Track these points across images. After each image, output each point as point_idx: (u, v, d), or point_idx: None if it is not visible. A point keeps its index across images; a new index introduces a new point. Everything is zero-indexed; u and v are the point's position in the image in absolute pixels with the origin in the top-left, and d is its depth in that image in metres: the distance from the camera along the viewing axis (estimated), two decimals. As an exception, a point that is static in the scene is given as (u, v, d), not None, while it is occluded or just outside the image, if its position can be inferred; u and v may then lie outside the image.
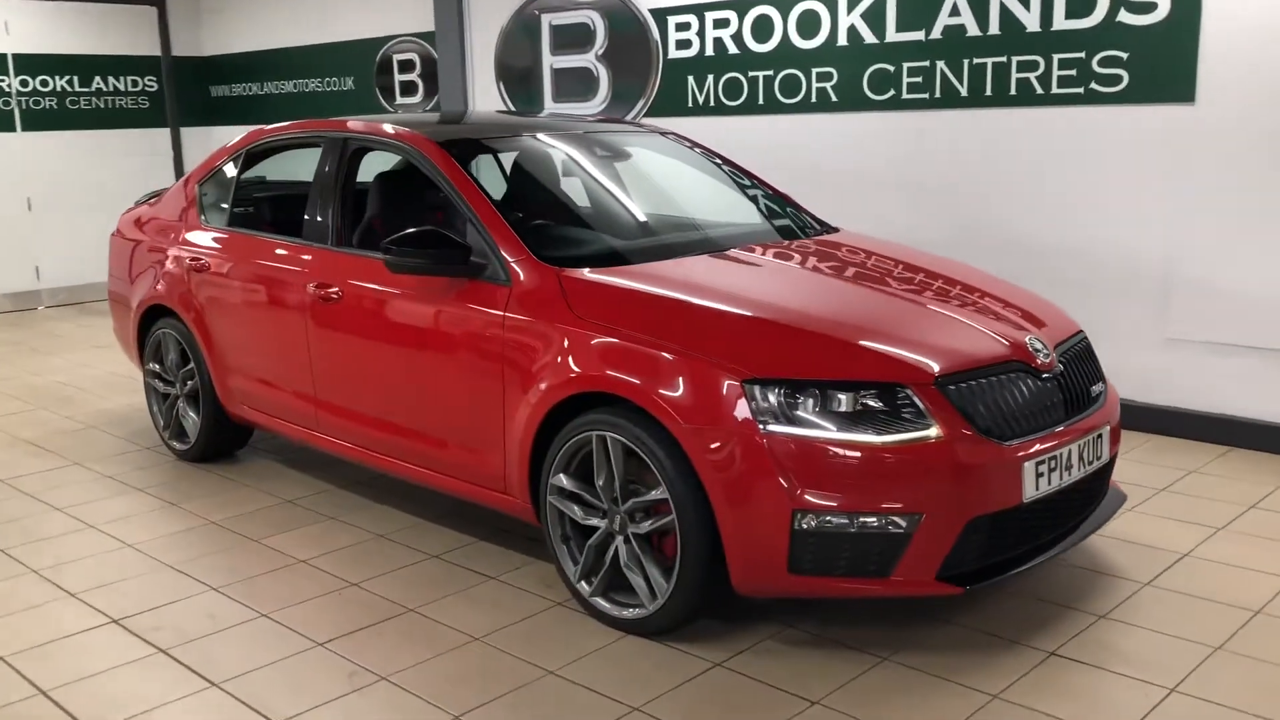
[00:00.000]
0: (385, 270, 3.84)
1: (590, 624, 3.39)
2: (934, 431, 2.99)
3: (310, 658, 3.24)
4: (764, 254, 3.95)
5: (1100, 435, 3.40)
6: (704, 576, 3.12)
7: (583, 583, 3.43)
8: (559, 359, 3.38)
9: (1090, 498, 3.48)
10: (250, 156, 5.05)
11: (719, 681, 3.05)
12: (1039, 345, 3.34)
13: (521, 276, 3.58)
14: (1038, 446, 3.13)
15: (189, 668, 3.19)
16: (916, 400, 3.01)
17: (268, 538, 4.18)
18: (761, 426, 2.98)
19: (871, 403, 3.02)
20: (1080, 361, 3.51)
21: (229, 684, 3.09)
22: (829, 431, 2.97)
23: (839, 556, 3.01)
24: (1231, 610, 3.38)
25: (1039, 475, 3.13)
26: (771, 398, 3.01)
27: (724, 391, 3.04)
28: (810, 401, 3.01)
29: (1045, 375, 3.28)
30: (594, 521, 3.37)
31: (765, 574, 3.06)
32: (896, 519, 2.97)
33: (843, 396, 3.01)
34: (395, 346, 3.95)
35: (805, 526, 2.97)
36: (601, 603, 3.38)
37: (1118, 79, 5.05)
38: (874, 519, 2.97)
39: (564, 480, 3.41)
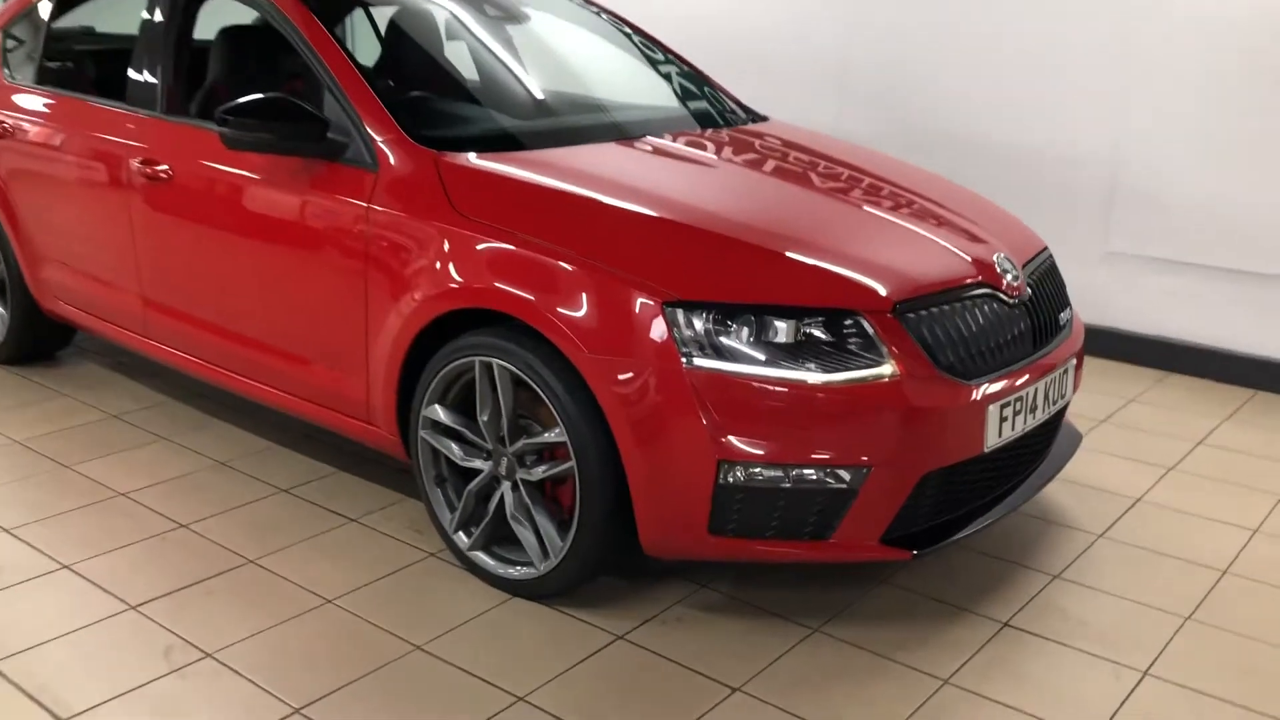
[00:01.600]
0: (226, 146, 3.12)
1: (468, 582, 2.85)
2: (889, 369, 2.47)
3: (118, 626, 2.63)
4: (684, 144, 3.34)
5: (1066, 370, 2.94)
6: (606, 534, 2.60)
7: (460, 533, 2.87)
8: (436, 265, 2.75)
9: (1047, 440, 3.04)
10: (68, -1, 4.19)
11: (621, 660, 2.54)
12: (1008, 265, 2.84)
13: (391, 160, 2.92)
14: (1003, 385, 2.65)
15: (-42, 641, 2.56)
16: (870, 330, 2.49)
17: (82, 463, 3.50)
18: (685, 360, 2.42)
19: (816, 333, 2.48)
20: (1047, 284, 3.04)
21: (7, 663, 2.47)
22: (764, 367, 2.43)
23: (770, 516, 2.50)
24: (1196, 570, 3.01)
25: (1003, 420, 2.66)
26: (697, 324, 2.45)
27: (640, 315, 2.47)
28: (744, 330, 2.46)
29: (1013, 300, 2.79)
30: (476, 464, 2.80)
31: (681, 534, 2.54)
32: (840, 472, 2.47)
33: (782, 325, 2.47)
34: (236, 239, 3.25)
35: (732, 480, 2.45)
36: (483, 558, 2.83)
37: (1077, -39, 4.52)
38: (813, 472, 2.46)
39: (439, 413, 2.82)
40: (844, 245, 2.72)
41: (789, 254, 2.61)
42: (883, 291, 2.54)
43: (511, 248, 2.64)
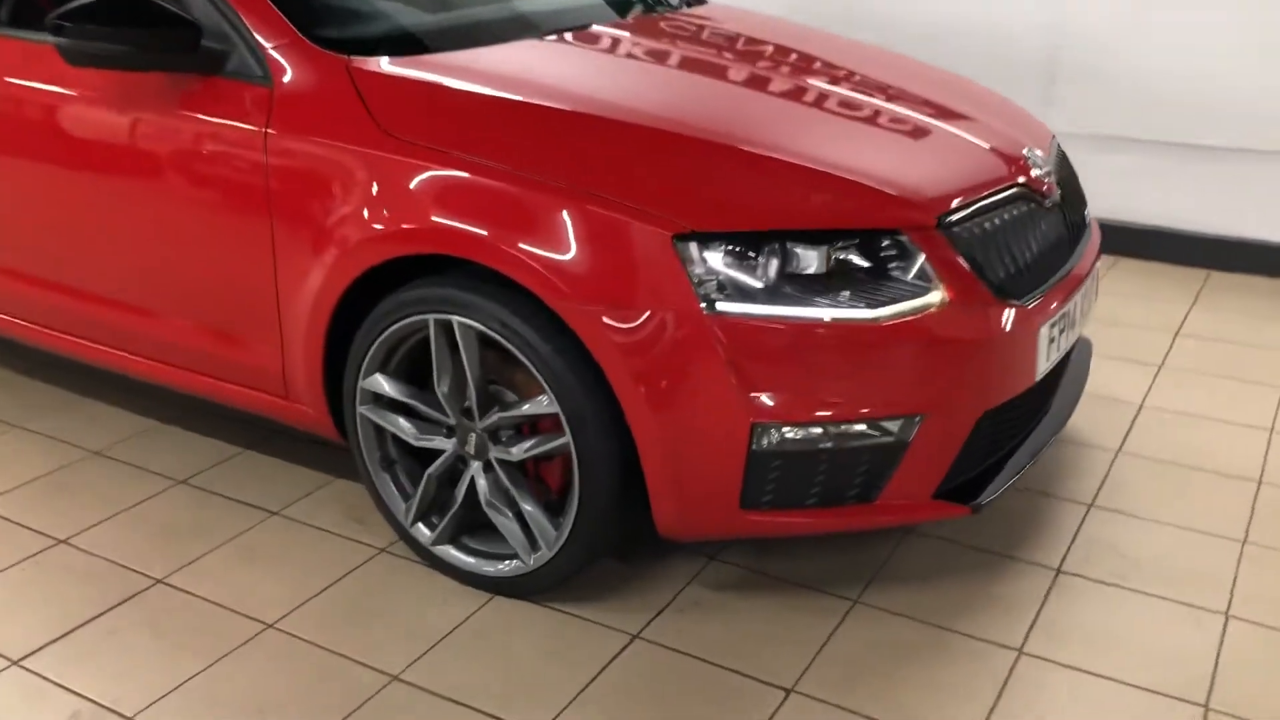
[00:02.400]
0: (63, 62, 2.43)
1: (435, 582, 2.37)
2: (938, 295, 2.07)
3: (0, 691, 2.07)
4: (640, 37, 2.81)
5: (1094, 277, 2.60)
6: (611, 517, 2.15)
7: (420, 525, 2.37)
8: (363, 202, 2.19)
9: (1069, 356, 2.71)
10: None
11: (644, 667, 2.12)
12: (1039, 160, 2.45)
13: (289, 71, 2.32)
14: (1051, 302, 2.29)
15: None
16: (913, 251, 2.07)
17: (-83, 469, 2.85)
18: (704, 305, 1.96)
19: (851, 259, 2.05)
20: (1066, 177, 2.67)
21: None
22: (798, 306, 1.99)
23: (810, 482, 2.10)
24: (1230, 483, 2.76)
25: (1051, 341, 2.31)
26: (715, 259, 1.99)
27: (643, 251, 1.99)
28: (773, 263, 2.01)
29: (1048, 201, 2.41)
30: (435, 442, 2.30)
31: (708, 512, 2.12)
32: (887, 424, 2.07)
33: (812, 253, 2.03)
34: (90, 180, 2.59)
35: (767, 444, 2.03)
36: (453, 554, 2.35)
37: None
38: (860, 426, 2.06)
39: (382, 384, 2.30)
40: (859, 152, 2.27)
41: (807, 166, 2.15)
42: (922, 202, 2.12)
43: (465, 175, 2.11)
